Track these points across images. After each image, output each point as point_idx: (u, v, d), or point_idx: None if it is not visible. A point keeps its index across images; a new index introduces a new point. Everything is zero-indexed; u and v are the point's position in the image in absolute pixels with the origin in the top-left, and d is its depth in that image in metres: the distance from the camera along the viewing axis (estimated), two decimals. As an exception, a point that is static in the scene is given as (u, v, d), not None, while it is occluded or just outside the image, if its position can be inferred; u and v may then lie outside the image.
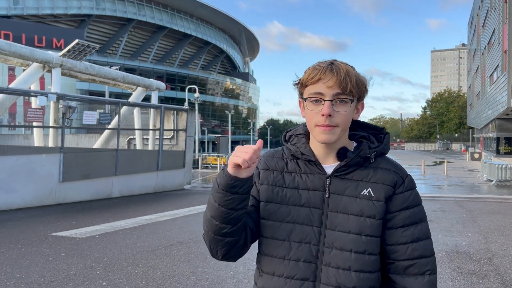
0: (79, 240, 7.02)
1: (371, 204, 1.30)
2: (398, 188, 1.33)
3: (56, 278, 4.90)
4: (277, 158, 1.41)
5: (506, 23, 23.42)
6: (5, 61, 11.98)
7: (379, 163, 1.36)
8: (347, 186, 1.32)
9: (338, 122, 1.26)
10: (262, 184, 1.37)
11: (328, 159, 1.35)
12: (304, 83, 1.31)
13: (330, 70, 1.25)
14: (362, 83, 1.30)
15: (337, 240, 1.29)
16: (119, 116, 14.03)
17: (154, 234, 7.60)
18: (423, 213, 1.36)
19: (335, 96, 1.25)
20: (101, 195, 13.54)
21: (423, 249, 1.31)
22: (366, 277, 1.28)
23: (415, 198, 1.35)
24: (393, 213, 1.32)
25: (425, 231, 1.34)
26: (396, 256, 1.32)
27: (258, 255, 1.37)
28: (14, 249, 6.37)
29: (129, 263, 5.58)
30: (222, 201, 1.21)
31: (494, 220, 9.35)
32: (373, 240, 1.29)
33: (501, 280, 5.05)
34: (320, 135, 1.28)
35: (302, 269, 1.29)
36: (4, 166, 10.80)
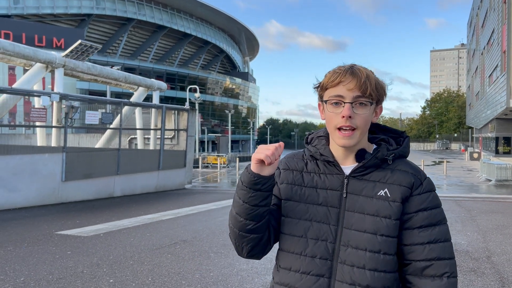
0: (84, 239, 7.13)
1: (387, 204, 1.32)
2: (415, 189, 1.35)
3: (64, 275, 5.01)
4: (297, 159, 1.46)
5: (505, 23, 23.53)
6: (8, 61, 12.08)
7: (397, 165, 1.38)
8: (364, 186, 1.35)
9: (357, 124, 1.30)
10: (282, 183, 1.42)
11: (347, 160, 1.38)
12: (324, 86, 1.34)
13: (350, 74, 1.30)
14: (381, 87, 1.35)
15: (353, 238, 1.32)
16: (121, 116, 14.14)
17: (158, 233, 7.71)
18: (442, 215, 1.36)
19: (355, 99, 1.29)
20: (103, 195, 13.64)
21: (441, 250, 1.31)
22: (381, 276, 1.30)
23: (433, 200, 1.36)
24: (410, 214, 1.34)
25: (444, 233, 1.34)
26: (412, 256, 1.33)
27: (278, 251, 1.41)
28: (21, 247, 6.48)
29: (134, 261, 5.69)
30: (246, 198, 1.27)
31: (493, 219, 9.46)
32: (389, 240, 1.31)
33: (499, 277, 5.17)
34: (339, 140, 1.31)
35: (318, 266, 1.32)
36: (8, 165, 10.90)
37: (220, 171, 30.66)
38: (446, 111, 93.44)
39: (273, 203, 1.41)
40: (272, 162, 1.23)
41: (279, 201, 1.41)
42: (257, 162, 1.24)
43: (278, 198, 1.42)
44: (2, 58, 11.82)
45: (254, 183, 1.25)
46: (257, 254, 1.38)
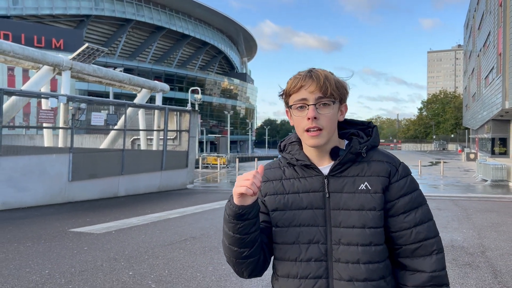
0: (98, 236, 7.44)
1: (370, 197, 1.35)
2: (393, 177, 1.39)
3: (86, 268, 5.33)
4: (274, 169, 1.48)
5: (501, 26, 23.95)
6: (17, 63, 12.38)
7: (371, 156, 1.41)
8: (345, 183, 1.37)
9: (323, 124, 1.33)
10: (266, 196, 1.44)
11: (323, 161, 1.41)
12: (288, 93, 1.38)
13: (309, 77, 1.34)
14: (342, 86, 1.38)
15: (343, 236, 1.34)
16: (125, 117, 14.44)
17: (167, 230, 8.03)
18: (421, 197, 1.43)
19: (317, 100, 1.33)
20: (108, 194, 13.95)
21: (427, 231, 1.38)
22: (375, 268, 1.34)
23: (411, 184, 1.41)
24: (393, 201, 1.38)
25: (426, 213, 1.41)
26: (402, 241, 1.38)
27: (273, 260, 1.44)
28: (39, 243, 6.79)
29: (149, 256, 6.02)
30: (236, 230, 1.30)
31: (488, 218, 9.81)
32: (377, 231, 1.35)
33: (492, 270, 5.52)
34: (309, 140, 1.35)
35: (314, 268, 1.35)
36: (17, 166, 11.20)
37: (220, 171, 30.99)
38: (443, 112, 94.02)
39: (261, 220, 1.43)
40: (254, 192, 1.24)
41: (267, 215, 1.44)
42: (239, 197, 1.26)
43: (264, 213, 1.44)
44: (11, 60, 12.13)
45: (240, 215, 1.28)
46: (258, 273, 1.42)
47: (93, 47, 13.10)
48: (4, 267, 5.36)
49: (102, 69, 15.19)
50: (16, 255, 5.98)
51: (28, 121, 37.93)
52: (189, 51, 72.91)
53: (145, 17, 62.99)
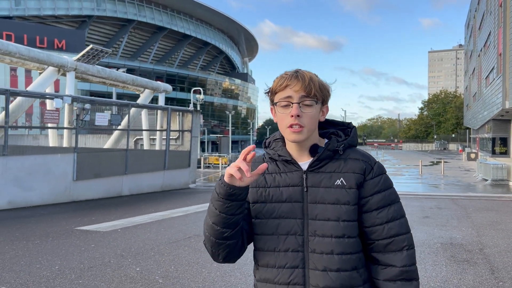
0: (104, 234, 7.61)
1: (345, 192, 1.43)
2: (368, 174, 1.47)
3: (94, 264, 5.49)
4: (258, 163, 1.52)
5: (501, 26, 24.06)
6: (22, 65, 12.56)
7: (348, 154, 1.49)
8: (322, 178, 1.45)
9: (305, 122, 1.41)
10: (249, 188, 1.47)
11: (302, 157, 1.48)
12: (274, 91, 1.46)
13: (295, 77, 1.42)
14: (325, 88, 1.47)
15: (319, 228, 1.42)
16: (129, 117, 14.61)
17: (171, 228, 8.19)
18: (395, 195, 1.50)
19: (301, 99, 1.41)
20: (112, 193, 14.11)
21: (398, 227, 1.45)
22: (348, 258, 1.41)
23: (385, 182, 1.49)
24: (367, 197, 1.46)
25: (399, 211, 1.48)
26: (375, 236, 1.46)
27: (254, 251, 1.51)
28: (47, 240, 6.95)
29: (155, 253, 6.18)
30: (223, 208, 1.35)
31: (487, 216, 9.95)
32: (350, 224, 1.43)
33: (489, 267, 5.66)
34: (290, 135, 1.42)
35: (291, 258, 1.43)
36: (23, 166, 11.37)
37: (221, 171, 31.16)
38: (443, 112, 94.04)
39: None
40: (241, 177, 1.30)
41: (248, 204, 1.51)
42: (230, 176, 1.32)
43: (247, 202, 1.51)
44: (17, 62, 12.30)
45: (229, 194, 1.33)
46: (232, 258, 1.48)
47: (97, 48, 13.27)
48: (15, 264, 5.52)
49: (106, 70, 15.36)
50: (26, 252, 6.14)
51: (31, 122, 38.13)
52: (190, 51, 73.12)
53: (146, 18, 63.22)
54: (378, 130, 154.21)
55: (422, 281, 5.00)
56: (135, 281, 4.84)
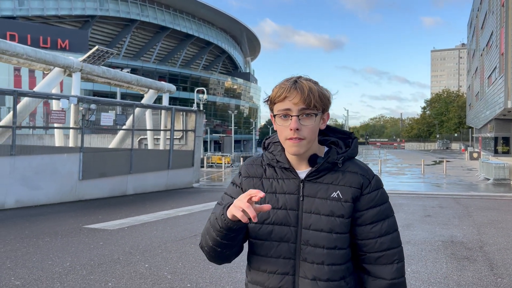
0: (111, 232, 7.77)
1: (340, 205, 1.43)
2: (365, 189, 1.47)
3: (104, 261, 5.66)
4: (256, 166, 1.54)
5: (503, 26, 24.13)
6: (29, 65, 12.75)
7: (347, 166, 1.49)
8: (319, 189, 1.45)
9: (305, 135, 1.39)
10: (245, 191, 1.45)
11: (301, 165, 1.48)
12: (272, 101, 1.43)
13: (294, 89, 1.38)
14: (325, 97, 1.43)
15: (311, 238, 1.42)
16: (134, 117, 14.78)
17: (177, 227, 8.35)
18: (389, 209, 1.51)
19: (301, 111, 1.38)
20: (117, 193, 14.28)
21: (390, 241, 1.48)
22: (337, 269, 1.43)
23: (381, 196, 1.49)
24: (362, 211, 1.46)
25: (392, 225, 1.50)
26: (367, 249, 1.48)
27: (248, 253, 1.52)
28: (56, 238, 7.12)
29: (162, 250, 6.34)
30: (224, 237, 1.37)
31: (488, 215, 10.08)
32: (342, 236, 1.44)
33: (489, 263, 5.80)
34: (290, 148, 1.41)
35: (282, 265, 1.43)
36: (31, 165, 11.55)
37: (224, 170, 31.32)
38: (446, 111, 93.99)
39: None
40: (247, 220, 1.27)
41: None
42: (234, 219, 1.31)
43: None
44: (24, 63, 12.49)
45: (232, 229, 1.34)
46: (230, 261, 1.50)
47: (102, 49, 13.44)
48: (27, 260, 5.69)
49: (111, 70, 15.54)
50: (37, 249, 6.31)
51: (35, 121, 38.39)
52: (193, 51, 73.29)
53: (149, 17, 63.39)
54: (380, 129, 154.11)
55: (422, 277, 5.14)
56: (144, 277, 5.00)
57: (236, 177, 1.57)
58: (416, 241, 7.19)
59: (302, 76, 1.45)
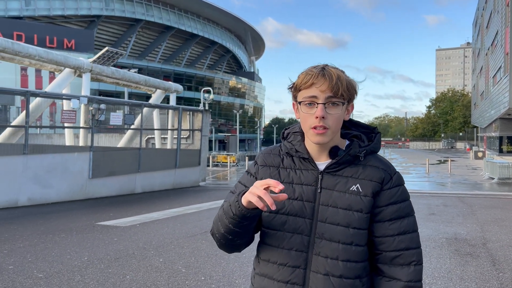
0: (124, 228, 8.01)
1: (359, 199, 1.38)
2: (385, 184, 1.42)
3: (120, 256, 5.89)
4: (274, 155, 1.50)
5: (508, 26, 24.19)
6: (41, 66, 13.03)
7: (368, 160, 1.44)
8: (338, 182, 1.41)
9: (330, 124, 1.35)
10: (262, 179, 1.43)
11: (321, 157, 1.43)
12: (298, 87, 1.39)
13: (322, 75, 1.34)
14: (352, 87, 1.40)
15: (327, 231, 1.37)
16: (142, 117, 15.03)
17: (187, 224, 8.58)
18: (410, 207, 1.45)
19: (327, 99, 1.34)
20: (126, 191, 14.54)
21: (409, 241, 1.41)
22: (353, 266, 1.38)
23: (402, 193, 1.44)
24: (381, 207, 1.41)
25: (412, 225, 1.44)
26: (383, 247, 1.41)
27: (258, 243, 1.48)
28: (71, 234, 7.37)
29: (175, 246, 6.56)
30: (237, 225, 1.33)
31: (492, 214, 10.24)
32: (360, 232, 1.38)
33: (491, 260, 5.98)
34: (314, 137, 1.37)
35: (294, 257, 1.39)
36: (43, 164, 11.82)
37: (230, 169, 31.58)
38: (451, 110, 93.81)
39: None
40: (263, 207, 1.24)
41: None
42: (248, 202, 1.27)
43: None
44: (36, 64, 12.77)
45: (246, 216, 1.31)
46: (239, 250, 1.48)
47: (112, 50, 13.71)
48: (47, 255, 5.94)
49: (120, 71, 15.80)
50: (54, 245, 6.56)
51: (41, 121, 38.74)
52: (197, 51, 73.62)
53: (154, 17, 63.74)
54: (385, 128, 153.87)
55: (426, 272, 5.34)
56: (160, 270, 5.22)
57: (251, 166, 1.54)
58: (420, 238, 7.36)
59: (328, 64, 1.41)
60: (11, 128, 12.81)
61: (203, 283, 4.80)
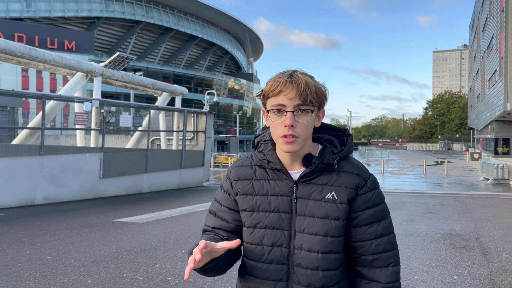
0: (141, 225, 8.55)
1: (335, 207, 1.37)
2: (360, 189, 1.40)
3: (145, 248, 6.44)
4: (245, 167, 1.47)
5: (503, 31, 24.85)
6: (54, 70, 13.55)
7: (342, 166, 1.42)
8: (313, 190, 1.38)
9: (299, 132, 1.31)
10: (236, 195, 1.45)
11: (294, 165, 1.40)
12: (266, 95, 1.36)
13: (290, 82, 1.30)
14: (321, 93, 1.36)
15: (305, 242, 1.36)
16: (149, 119, 15.58)
17: (200, 220, 9.12)
18: (385, 210, 1.45)
19: (296, 107, 1.31)
20: (134, 190, 15.08)
21: (386, 244, 1.42)
22: (332, 274, 1.38)
23: (377, 197, 1.43)
24: (357, 212, 1.40)
25: (388, 227, 1.44)
26: (362, 251, 1.42)
27: (242, 258, 1.47)
28: (94, 230, 7.91)
29: (193, 239, 7.11)
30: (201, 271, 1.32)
31: (486, 212, 10.82)
32: (337, 240, 1.38)
33: (483, 252, 6.57)
34: (283, 146, 1.33)
35: (275, 271, 1.37)
36: (57, 164, 12.35)
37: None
38: (448, 112, 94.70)
39: (233, 219, 1.46)
40: (199, 260, 1.19)
41: (238, 214, 1.46)
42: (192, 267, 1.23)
43: (236, 211, 1.46)
44: (50, 68, 13.29)
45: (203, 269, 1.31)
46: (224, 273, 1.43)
47: (123, 55, 14.26)
48: (77, 247, 6.48)
49: (129, 75, 16.35)
50: (82, 239, 7.10)
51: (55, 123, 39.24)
52: (196, 52, 74.19)
53: (154, 19, 64.28)
54: (382, 130, 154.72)
55: (424, 261, 5.91)
56: (184, 260, 5.78)
57: (223, 182, 1.51)
58: (418, 233, 7.96)
59: (297, 70, 1.37)
60: (27, 130, 13.32)
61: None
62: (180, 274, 5.16)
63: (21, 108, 23.62)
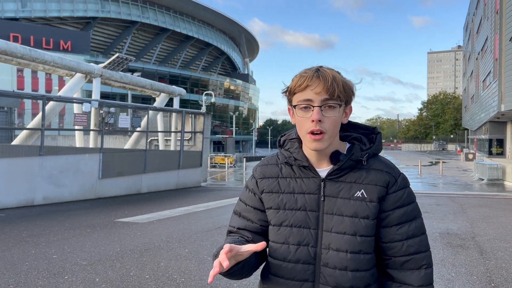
0: (143, 224, 8.65)
1: (365, 205, 1.33)
2: (391, 188, 1.36)
3: (149, 247, 6.54)
4: (271, 166, 1.45)
5: (497, 33, 25.13)
6: (53, 71, 13.61)
7: (371, 164, 1.38)
8: (341, 188, 1.35)
9: (327, 127, 1.29)
10: (262, 193, 1.43)
11: (321, 163, 1.38)
12: (292, 91, 1.33)
13: (317, 77, 1.29)
14: (349, 88, 1.33)
15: (333, 241, 1.32)
16: (148, 120, 15.66)
17: (200, 220, 9.23)
18: (417, 210, 1.41)
19: (323, 102, 1.28)
20: (133, 191, 15.15)
21: (418, 245, 1.36)
22: (362, 276, 1.33)
23: (408, 196, 1.39)
24: (387, 212, 1.36)
25: (420, 227, 1.39)
26: (392, 252, 1.37)
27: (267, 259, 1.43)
28: (96, 230, 8.00)
29: (195, 239, 7.23)
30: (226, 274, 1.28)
31: (481, 212, 11.00)
32: (367, 239, 1.33)
33: (479, 250, 6.73)
34: (310, 143, 1.30)
35: (301, 271, 1.34)
36: (57, 164, 12.41)
37: (228, 170, 32.23)
38: (442, 113, 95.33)
39: (257, 219, 1.44)
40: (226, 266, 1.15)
41: (264, 214, 1.43)
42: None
43: (262, 211, 1.44)
44: (49, 69, 13.35)
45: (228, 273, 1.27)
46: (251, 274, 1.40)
47: (122, 57, 14.34)
48: (82, 246, 6.57)
49: (128, 75, 16.43)
50: (85, 238, 7.19)
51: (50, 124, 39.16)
52: (192, 52, 74.23)
53: (150, 19, 64.26)
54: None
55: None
56: (188, 259, 5.89)
57: (249, 181, 1.50)
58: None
59: (323, 65, 1.36)
60: (27, 131, 13.37)
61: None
62: (186, 273, 5.28)
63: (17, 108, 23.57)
